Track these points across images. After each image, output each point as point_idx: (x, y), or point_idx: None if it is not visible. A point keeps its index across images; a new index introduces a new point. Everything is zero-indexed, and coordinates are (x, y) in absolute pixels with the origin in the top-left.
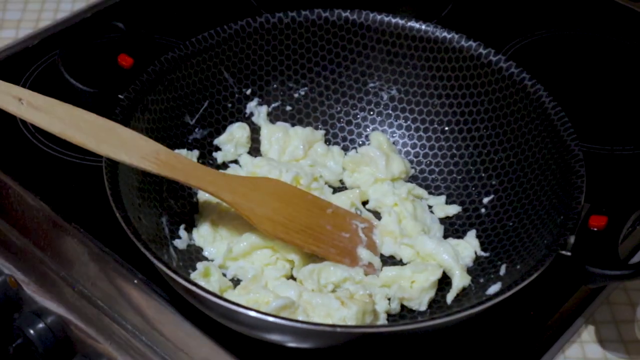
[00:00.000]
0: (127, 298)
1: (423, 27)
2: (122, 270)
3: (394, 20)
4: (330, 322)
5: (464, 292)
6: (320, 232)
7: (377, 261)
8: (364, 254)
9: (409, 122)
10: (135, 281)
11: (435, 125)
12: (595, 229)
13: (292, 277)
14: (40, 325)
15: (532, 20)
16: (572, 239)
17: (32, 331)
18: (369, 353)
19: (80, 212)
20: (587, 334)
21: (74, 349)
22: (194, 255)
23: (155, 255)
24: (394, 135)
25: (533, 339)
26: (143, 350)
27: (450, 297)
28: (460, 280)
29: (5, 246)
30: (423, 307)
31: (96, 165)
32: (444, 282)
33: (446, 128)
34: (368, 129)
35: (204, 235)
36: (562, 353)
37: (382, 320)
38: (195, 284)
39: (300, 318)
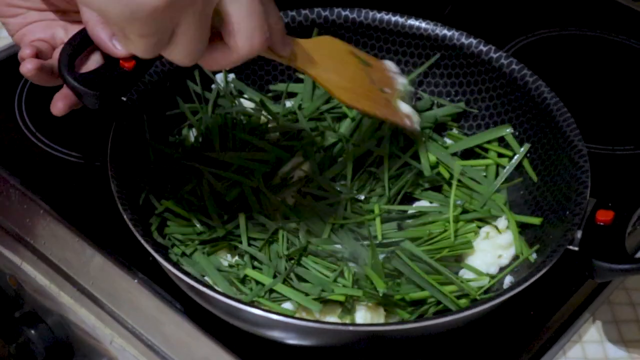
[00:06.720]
0: (127, 297)
1: (423, 25)
2: (123, 269)
3: (394, 19)
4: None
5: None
6: (370, 90)
7: (415, 114)
8: (403, 106)
9: None
10: (136, 280)
11: None
12: (602, 224)
13: None
14: (40, 325)
15: (533, 20)
16: (579, 234)
17: (32, 331)
18: (368, 352)
19: (81, 212)
20: (588, 333)
21: (74, 349)
22: None
23: (165, 257)
24: None
25: (533, 339)
26: (143, 350)
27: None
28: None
29: (5, 245)
30: None
31: (97, 165)
32: None
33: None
34: None
35: None
36: (563, 353)
37: None
38: (202, 282)
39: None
